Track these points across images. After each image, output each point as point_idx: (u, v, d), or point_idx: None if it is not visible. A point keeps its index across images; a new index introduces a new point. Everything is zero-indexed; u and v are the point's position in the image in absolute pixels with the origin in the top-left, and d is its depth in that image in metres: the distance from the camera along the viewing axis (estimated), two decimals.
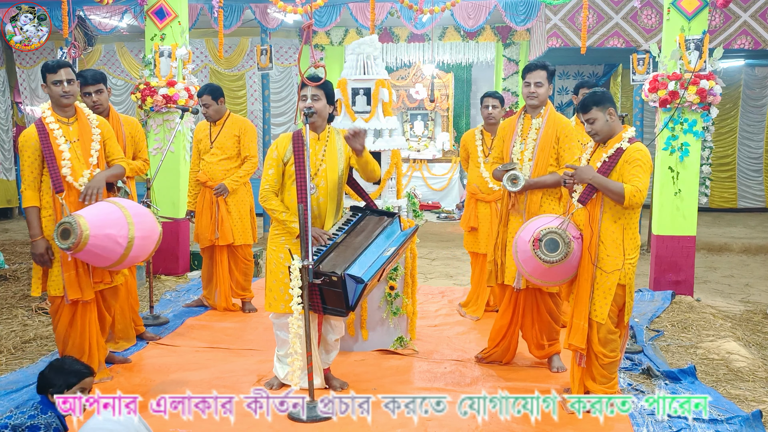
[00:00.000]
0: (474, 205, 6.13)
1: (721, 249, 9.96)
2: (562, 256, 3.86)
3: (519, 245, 4.11)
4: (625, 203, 3.82)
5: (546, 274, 4.03)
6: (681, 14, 6.58)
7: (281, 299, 4.22)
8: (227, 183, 6.04)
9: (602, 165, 3.93)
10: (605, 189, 3.86)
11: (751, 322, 6.16)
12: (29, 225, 4.25)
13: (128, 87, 13.31)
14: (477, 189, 6.09)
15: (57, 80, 4.21)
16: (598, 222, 3.95)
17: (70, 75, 4.26)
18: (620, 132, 3.98)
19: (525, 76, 4.73)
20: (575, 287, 4.07)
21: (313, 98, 4.19)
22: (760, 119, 13.59)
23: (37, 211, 4.24)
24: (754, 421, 3.77)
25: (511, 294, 4.74)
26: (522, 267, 4.16)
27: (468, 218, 6.17)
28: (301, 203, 3.95)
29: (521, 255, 4.09)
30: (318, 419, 3.88)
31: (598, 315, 3.95)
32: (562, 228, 3.92)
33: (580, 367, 4.09)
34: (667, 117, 6.64)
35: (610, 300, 3.93)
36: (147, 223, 4.28)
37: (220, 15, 7.89)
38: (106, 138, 4.45)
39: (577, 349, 4.04)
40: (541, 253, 3.88)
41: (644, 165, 3.86)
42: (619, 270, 3.91)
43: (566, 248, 3.86)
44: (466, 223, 6.19)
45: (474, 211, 6.12)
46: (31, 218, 4.24)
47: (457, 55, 13.21)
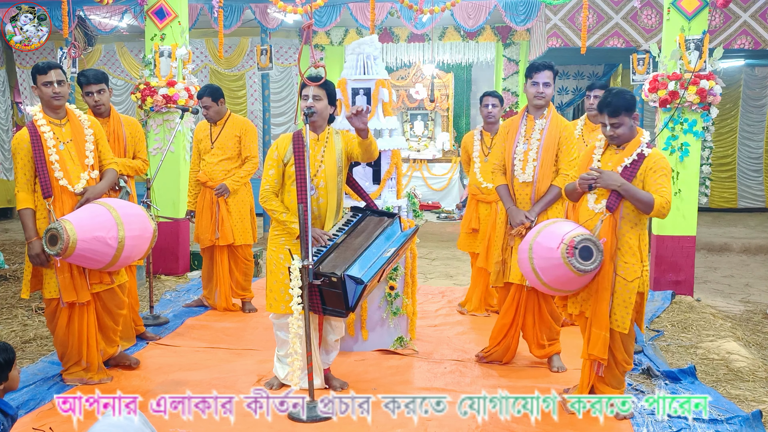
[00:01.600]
0: (475, 206, 6.14)
1: (721, 249, 9.96)
2: (596, 264, 3.72)
3: (538, 251, 3.84)
4: (653, 213, 3.74)
5: (570, 282, 3.83)
6: (681, 14, 6.58)
7: (281, 300, 4.21)
8: (228, 183, 6.04)
9: (624, 171, 3.80)
10: (633, 198, 3.73)
11: (751, 322, 6.16)
12: (24, 227, 4.24)
13: (128, 87, 13.32)
14: (477, 189, 6.09)
15: (47, 81, 4.21)
16: (616, 229, 3.82)
17: (61, 76, 4.25)
18: (637, 136, 3.86)
19: (532, 75, 4.62)
20: (593, 296, 3.89)
21: (315, 98, 4.19)
22: (760, 119, 13.59)
23: (32, 213, 4.23)
24: (754, 421, 3.76)
25: (515, 293, 4.72)
26: (538, 274, 3.88)
27: (469, 219, 6.17)
28: (301, 203, 3.95)
29: (542, 262, 3.83)
30: (318, 419, 3.88)
31: (620, 325, 3.84)
32: (594, 235, 3.77)
33: (597, 375, 3.99)
34: (667, 117, 6.64)
35: (631, 309, 3.81)
36: (137, 222, 4.28)
37: (220, 15, 7.89)
38: (98, 139, 4.45)
39: (598, 359, 3.93)
40: (576, 261, 3.68)
41: (668, 173, 3.79)
42: (639, 278, 3.82)
43: (600, 256, 3.72)
44: (467, 224, 6.18)
45: (475, 212, 6.12)
46: (25, 220, 4.23)
47: (457, 55, 13.21)
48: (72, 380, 4.40)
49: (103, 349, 4.54)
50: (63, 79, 4.27)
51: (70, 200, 4.23)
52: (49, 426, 3.73)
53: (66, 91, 4.29)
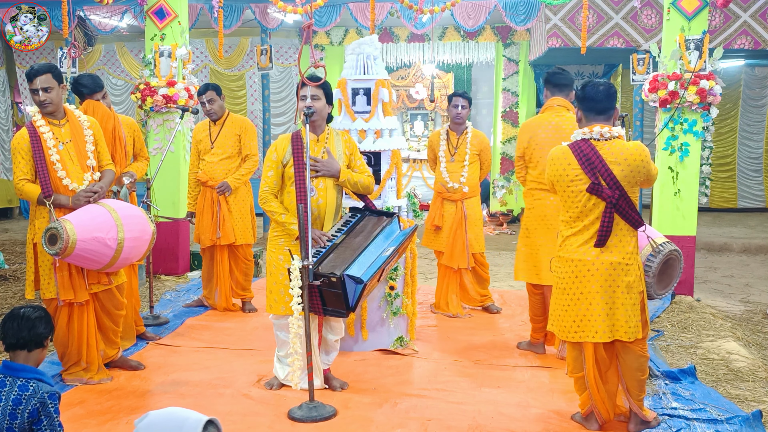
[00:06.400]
0: (440, 204, 6.17)
1: (721, 249, 9.96)
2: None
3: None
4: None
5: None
6: (681, 14, 6.58)
7: (281, 301, 4.21)
8: (230, 181, 6.05)
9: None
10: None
11: (751, 322, 6.16)
12: (32, 197, 4.20)
13: (128, 87, 13.32)
14: (443, 188, 6.13)
15: (33, 89, 4.21)
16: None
17: (48, 83, 4.20)
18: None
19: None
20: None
21: (313, 98, 4.19)
22: (760, 119, 13.58)
23: (38, 192, 4.21)
24: (754, 421, 3.76)
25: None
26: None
27: (433, 217, 6.20)
28: (300, 204, 3.94)
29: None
30: (318, 419, 3.88)
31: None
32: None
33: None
34: (667, 117, 6.63)
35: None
36: (137, 223, 4.28)
37: (220, 15, 7.89)
38: (98, 139, 4.45)
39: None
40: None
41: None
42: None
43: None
44: (431, 221, 6.21)
45: (440, 209, 6.16)
46: (32, 195, 4.20)
47: (457, 55, 13.20)
48: (72, 380, 4.40)
49: (103, 350, 4.54)
50: (50, 85, 4.20)
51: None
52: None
53: (54, 96, 4.24)
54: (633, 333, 3.58)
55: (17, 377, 2.87)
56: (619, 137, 3.63)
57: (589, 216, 3.60)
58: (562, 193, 3.70)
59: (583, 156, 3.59)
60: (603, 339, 3.59)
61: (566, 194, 3.66)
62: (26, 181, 4.22)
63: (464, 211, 6.06)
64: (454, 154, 6.11)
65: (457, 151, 6.11)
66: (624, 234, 3.59)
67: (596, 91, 3.66)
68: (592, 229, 3.60)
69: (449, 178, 6.09)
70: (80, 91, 5.12)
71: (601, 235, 3.56)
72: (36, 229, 4.28)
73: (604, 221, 3.56)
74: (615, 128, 3.64)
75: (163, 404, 4.08)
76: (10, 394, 2.80)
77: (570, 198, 3.65)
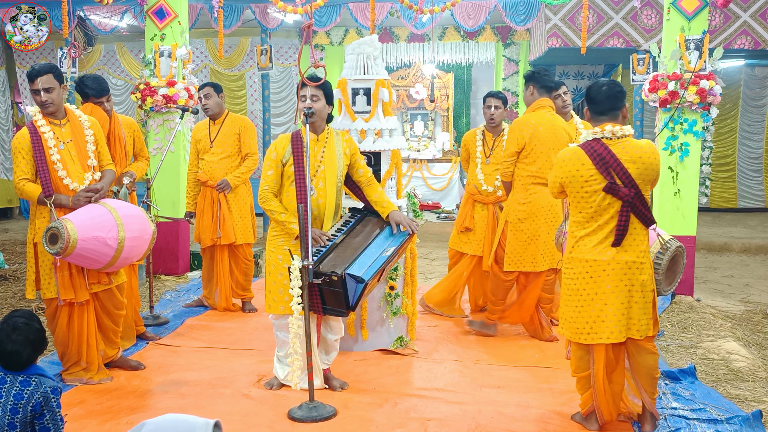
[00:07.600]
0: (471, 206, 6.09)
1: (721, 249, 9.96)
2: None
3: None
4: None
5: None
6: (681, 14, 6.58)
7: (281, 301, 4.21)
8: (230, 179, 6.05)
9: None
10: None
11: (751, 322, 6.16)
12: (33, 197, 4.20)
13: (128, 87, 13.31)
14: (475, 190, 6.06)
15: (34, 89, 4.21)
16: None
17: (49, 83, 4.20)
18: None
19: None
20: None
21: (313, 98, 4.19)
22: (760, 119, 13.58)
23: (39, 191, 4.21)
24: (754, 421, 3.76)
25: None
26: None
27: (463, 218, 6.10)
28: (300, 203, 3.95)
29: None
30: (318, 419, 3.88)
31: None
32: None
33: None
34: (667, 117, 6.63)
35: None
36: (137, 223, 4.29)
37: (220, 15, 7.89)
38: (98, 139, 4.45)
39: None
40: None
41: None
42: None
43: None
44: (461, 222, 6.11)
45: (471, 211, 6.07)
46: (33, 195, 4.20)
47: (457, 55, 13.20)
48: (72, 380, 4.40)
49: (103, 350, 4.54)
50: (51, 86, 4.21)
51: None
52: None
53: (57, 95, 4.25)
54: (644, 331, 3.58)
55: (17, 374, 2.88)
56: (630, 135, 3.63)
57: (603, 216, 3.58)
58: (575, 194, 3.64)
59: (597, 156, 3.56)
60: (618, 339, 3.57)
61: (579, 195, 3.62)
62: (27, 181, 4.22)
63: (496, 214, 5.89)
64: (489, 156, 5.94)
65: (492, 152, 5.93)
66: (638, 233, 3.58)
67: (599, 91, 3.69)
68: (606, 229, 3.58)
69: (484, 180, 5.94)
70: (85, 92, 5.12)
71: (618, 234, 3.55)
72: (36, 228, 4.28)
73: (620, 220, 3.54)
74: (626, 127, 3.64)
75: (163, 404, 4.09)
76: (11, 390, 2.83)
77: (584, 198, 3.61)
